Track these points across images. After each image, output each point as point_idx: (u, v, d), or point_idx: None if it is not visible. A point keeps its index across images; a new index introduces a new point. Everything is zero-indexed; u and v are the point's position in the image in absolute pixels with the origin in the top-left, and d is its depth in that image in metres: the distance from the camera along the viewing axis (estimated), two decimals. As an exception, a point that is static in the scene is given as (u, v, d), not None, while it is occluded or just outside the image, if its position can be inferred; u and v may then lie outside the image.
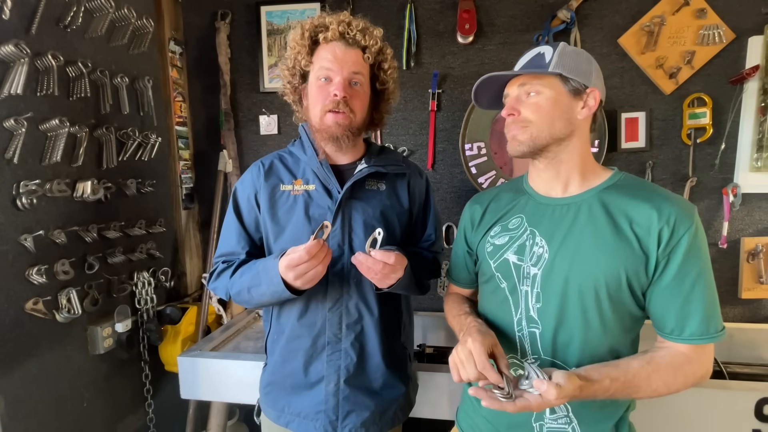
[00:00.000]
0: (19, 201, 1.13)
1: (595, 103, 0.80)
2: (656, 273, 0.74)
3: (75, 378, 1.31)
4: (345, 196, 0.94)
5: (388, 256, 0.84)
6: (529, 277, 0.81)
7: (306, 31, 0.92)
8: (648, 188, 0.79)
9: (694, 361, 0.74)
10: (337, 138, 0.92)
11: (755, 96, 1.54)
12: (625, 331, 0.79)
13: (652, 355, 0.75)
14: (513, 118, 0.81)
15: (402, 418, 1.04)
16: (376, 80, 0.98)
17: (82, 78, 1.31)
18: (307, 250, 0.80)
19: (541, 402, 0.66)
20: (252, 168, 1.03)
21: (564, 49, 0.79)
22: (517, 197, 0.89)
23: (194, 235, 1.95)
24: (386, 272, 0.85)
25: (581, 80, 0.78)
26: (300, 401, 0.98)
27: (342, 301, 0.95)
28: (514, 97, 0.82)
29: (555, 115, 0.78)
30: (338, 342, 0.96)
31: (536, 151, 0.81)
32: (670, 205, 0.73)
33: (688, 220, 0.72)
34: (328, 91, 0.91)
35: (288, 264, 0.82)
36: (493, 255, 0.86)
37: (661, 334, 0.77)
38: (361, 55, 0.93)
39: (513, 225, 0.86)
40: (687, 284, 0.73)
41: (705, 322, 0.73)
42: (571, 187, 0.83)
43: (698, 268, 0.73)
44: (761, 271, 1.59)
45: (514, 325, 0.82)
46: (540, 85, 0.79)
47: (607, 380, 0.70)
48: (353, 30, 0.90)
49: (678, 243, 0.72)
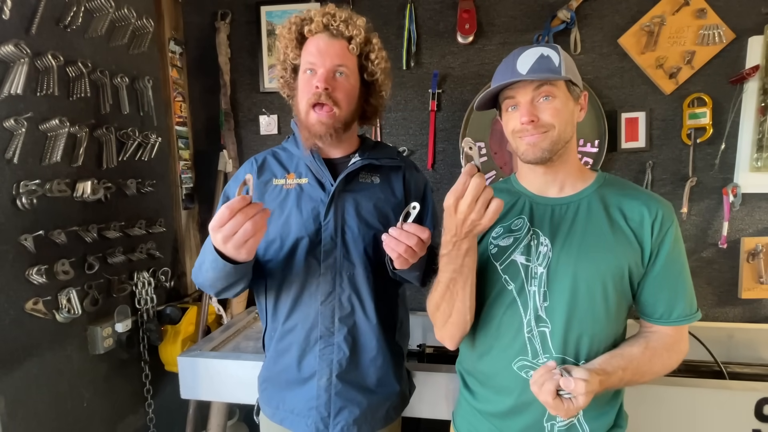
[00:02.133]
0: (19, 201, 1.13)
1: (585, 105, 0.85)
2: (649, 263, 0.80)
3: (75, 378, 1.31)
4: (338, 188, 0.94)
5: (423, 230, 0.80)
6: (536, 276, 0.82)
7: (293, 25, 0.92)
8: (631, 187, 0.87)
9: (680, 340, 0.83)
10: (320, 136, 0.91)
11: (755, 96, 1.54)
12: (623, 320, 0.85)
13: (646, 340, 0.82)
14: (533, 125, 0.78)
15: (395, 416, 1.04)
16: (365, 71, 0.96)
17: (82, 78, 1.31)
18: (227, 206, 0.72)
19: (576, 404, 0.70)
20: (245, 164, 1.04)
21: (564, 53, 0.80)
22: (514, 198, 0.90)
23: (194, 235, 1.95)
24: (417, 248, 0.80)
25: (579, 84, 0.82)
26: (293, 397, 0.97)
27: (335, 294, 0.95)
28: (528, 102, 0.79)
29: (567, 119, 0.80)
30: (331, 336, 0.95)
31: (553, 155, 0.81)
32: (656, 202, 0.81)
33: (671, 215, 0.81)
34: (312, 83, 0.90)
35: (212, 226, 0.74)
36: (499, 257, 0.86)
37: (649, 319, 0.84)
38: (346, 46, 0.91)
39: (516, 226, 0.86)
40: (675, 272, 0.81)
41: (689, 305, 0.82)
42: (566, 187, 0.86)
43: (682, 257, 0.82)
44: (761, 271, 1.59)
45: (524, 327, 0.82)
46: (553, 89, 0.79)
47: (620, 371, 0.75)
48: (336, 21, 0.89)
49: (665, 235, 0.80)
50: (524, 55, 0.80)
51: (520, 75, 0.78)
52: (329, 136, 0.91)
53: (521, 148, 0.82)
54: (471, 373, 0.93)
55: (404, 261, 0.81)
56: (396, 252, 0.80)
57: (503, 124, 0.87)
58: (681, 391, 1.14)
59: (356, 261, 0.95)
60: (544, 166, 0.84)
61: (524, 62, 0.80)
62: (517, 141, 0.83)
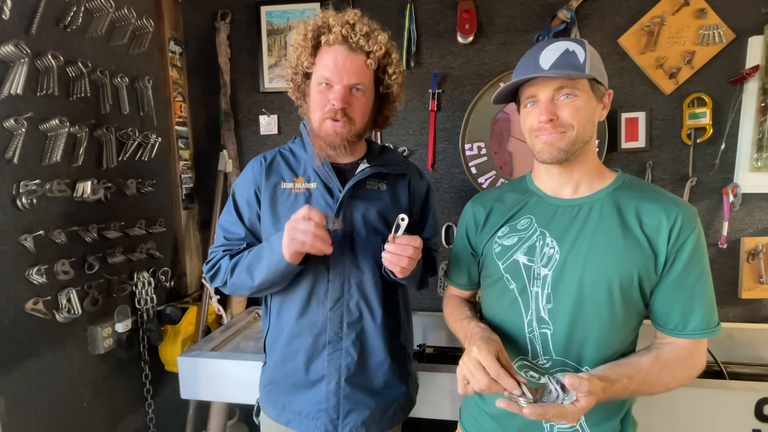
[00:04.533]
0: (19, 201, 1.13)
1: (609, 103, 0.81)
2: (664, 271, 0.76)
3: (75, 378, 1.31)
4: (346, 195, 0.95)
5: (415, 239, 0.84)
6: (540, 278, 0.81)
7: (309, 32, 0.89)
8: (652, 190, 0.81)
9: (695, 354, 0.77)
10: (335, 146, 0.92)
11: (755, 96, 1.54)
12: (633, 330, 0.81)
13: (657, 351, 0.77)
14: (552, 123, 0.76)
15: (402, 417, 1.05)
16: (380, 83, 0.96)
17: (82, 78, 1.31)
18: (308, 206, 0.81)
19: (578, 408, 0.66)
20: (254, 163, 1.01)
21: (590, 49, 0.76)
22: (524, 198, 0.88)
23: (194, 235, 1.95)
24: (414, 256, 0.84)
25: (604, 82, 0.78)
26: (301, 400, 0.98)
27: (343, 300, 0.96)
28: (548, 100, 0.76)
29: (588, 118, 0.77)
30: (339, 341, 0.96)
31: (570, 156, 0.78)
32: (677, 207, 0.76)
33: (692, 221, 0.76)
34: (328, 98, 0.89)
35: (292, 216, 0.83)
36: (501, 256, 0.85)
37: (663, 330, 0.79)
38: (363, 61, 0.89)
39: (522, 226, 0.85)
40: (691, 282, 0.76)
41: (706, 317, 0.76)
42: (581, 188, 0.83)
43: (701, 267, 0.76)
44: (761, 271, 1.59)
45: (525, 327, 0.82)
46: (576, 89, 0.75)
47: (625, 379, 0.71)
48: (357, 34, 0.86)
49: (684, 243, 0.75)
50: (548, 49, 0.76)
51: (541, 71, 0.75)
52: (343, 147, 0.92)
53: (537, 147, 0.80)
54: None
55: (405, 270, 0.86)
56: (398, 266, 0.84)
57: (521, 120, 0.84)
58: (681, 391, 1.12)
59: (364, 267, 0.95)
60: (559, 166, 0.81)
61: (547, 57, 0.76)
62: (533, 139, 0.80)
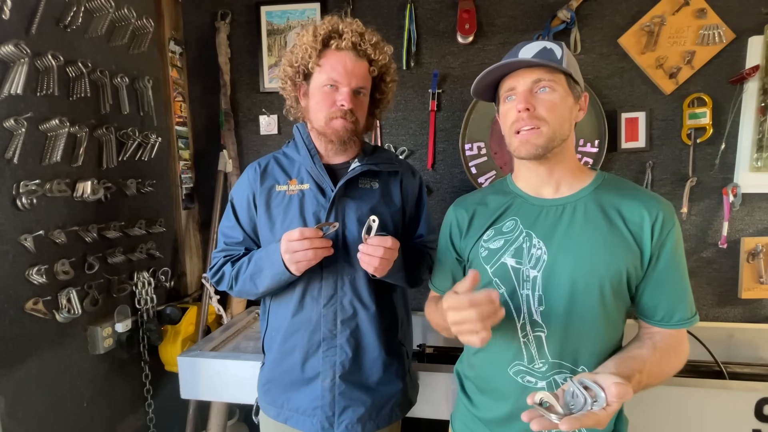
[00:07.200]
0: (19, 201, 1.13)
1: (586, 106, 0.84)
2: (650, 266, 0.78)
3: (75, 378, 1.31)
4: (338, 194, 0.97)
5: (385, 240, 0.87)
6: (529, 280, 0.80)
7: (319, 34, 0.94)
8: (631, 187, 0.84)
9: (683, 340, 0.81)
10: (344, 141, 0.97)
11: (755, 96, 1.54)
12: (622, 324, 0.83)
13: (652, 342, 0.79)
14: (528, 114, 0.77)
15: (400, 414, 1.05)
16: (376, 90, 1.03)
17: (82, 78, 1.31)
18: (300, 229, 0.87)
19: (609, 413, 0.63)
20: (248, 170, 1.05)
21: (567, 51, 0.79)
22: (507, 200, 0.88)
23: (194, 235, 1.95)
24: (387, 257, 0.87)
25: (581, 83, 0.81)
26: (298, 397, 1.00)
27: (336, 297, 0.98)
28: (527, 90, 0.77)
29: (564, 115, 0.78)
30: (333, 338, 0.98)
31: (548, 152, 0.79)
32: (657, 203, 0.78)
33: (672, 216, 0.78)
34: (334, 99, 0.94)
35: (284, 238, 0.88)
36: (489, 260, 0.84)
37: (650, 321, 0.81)
38: (367, 68, 0.96)
39: (507, 228, 0.85)
40: (676, 275, 0.78)
41: (689, 307, 0.80)
42: (562, 187, 0.84)
43: (683, 259, 0.80)
44: (761, 271, 1.59)
45: (518, 331, 0.81)
46: (553, 82, 0.77)
47: (637, 374, 0.71)
48: (365, 43, 0.94)
49: (666, 238, 0.77)
50: (528, 46, 0.79)
51: (537, 61, 0.76)
52: (352, 142, 0.99)
53: (514, 144, 0.81)
54: (468, 376, 0.93)
55: (379, 270, 0.89)
56: (371, 266, 0.88)
57: (501, 118, 0.85)
58: (681, 391, 1.14)
59: (357, 265, 0.95)
60: (537, 162, 0.82)
61: (527, 52, 0.79)
62: (512, 136, 0.81)
